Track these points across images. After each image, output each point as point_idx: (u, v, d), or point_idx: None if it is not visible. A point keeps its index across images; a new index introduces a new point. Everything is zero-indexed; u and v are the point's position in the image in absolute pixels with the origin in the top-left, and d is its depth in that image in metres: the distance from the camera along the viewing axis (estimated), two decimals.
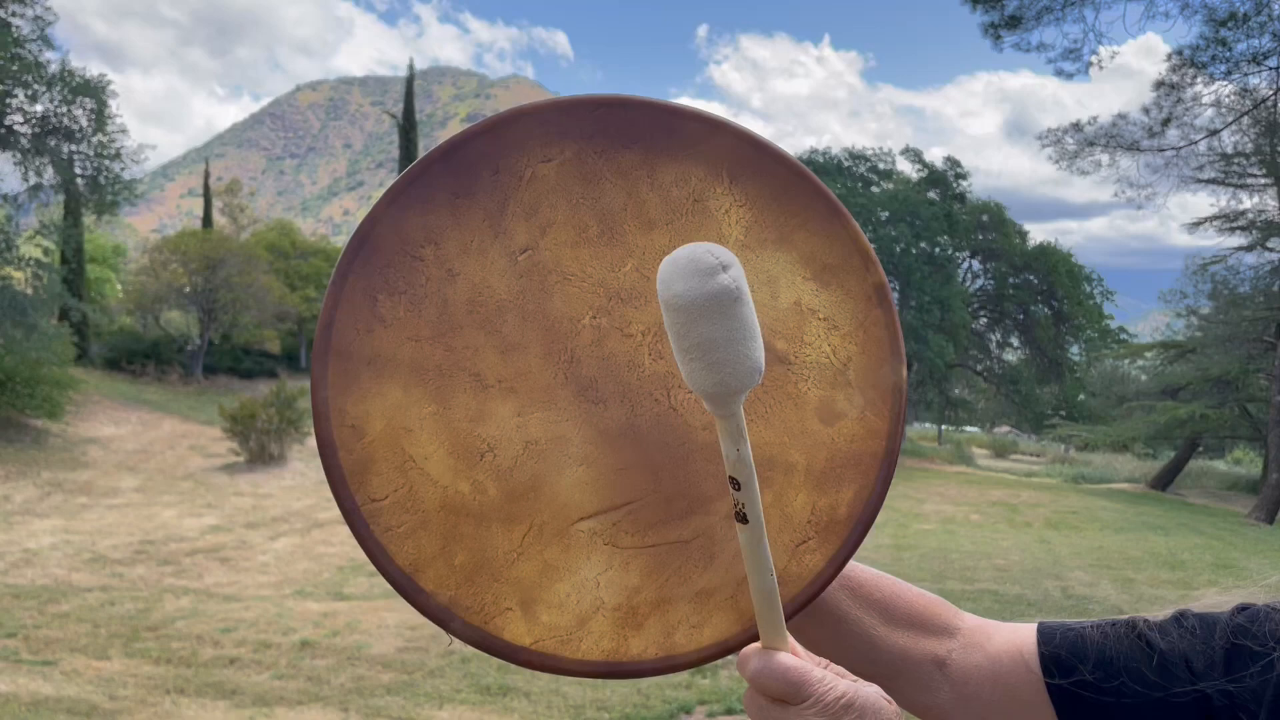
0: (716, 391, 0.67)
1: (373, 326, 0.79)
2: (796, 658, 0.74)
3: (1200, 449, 31.68)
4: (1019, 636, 0.89)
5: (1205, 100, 20.12)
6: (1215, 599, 0.85)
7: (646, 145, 0.84)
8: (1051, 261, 40.61)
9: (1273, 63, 17.50)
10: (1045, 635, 0.87)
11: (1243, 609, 0.81)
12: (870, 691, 0.72)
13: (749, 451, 0.72)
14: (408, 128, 44.45)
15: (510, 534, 0.80)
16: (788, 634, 0.76)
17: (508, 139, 0.82)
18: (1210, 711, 0.76)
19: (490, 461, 0.80)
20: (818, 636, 0.92)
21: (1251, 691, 0.75)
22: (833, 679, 0.72)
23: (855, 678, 0.74)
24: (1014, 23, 17.05)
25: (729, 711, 6.49)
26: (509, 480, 0.80)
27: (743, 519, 0.72)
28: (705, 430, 0.83)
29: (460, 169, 0.82)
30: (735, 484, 0.72)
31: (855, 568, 0.93)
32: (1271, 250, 27.69)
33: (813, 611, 0.89)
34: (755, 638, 0.82)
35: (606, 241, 0.83)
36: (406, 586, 0.78)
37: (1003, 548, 15.06)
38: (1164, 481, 28.80)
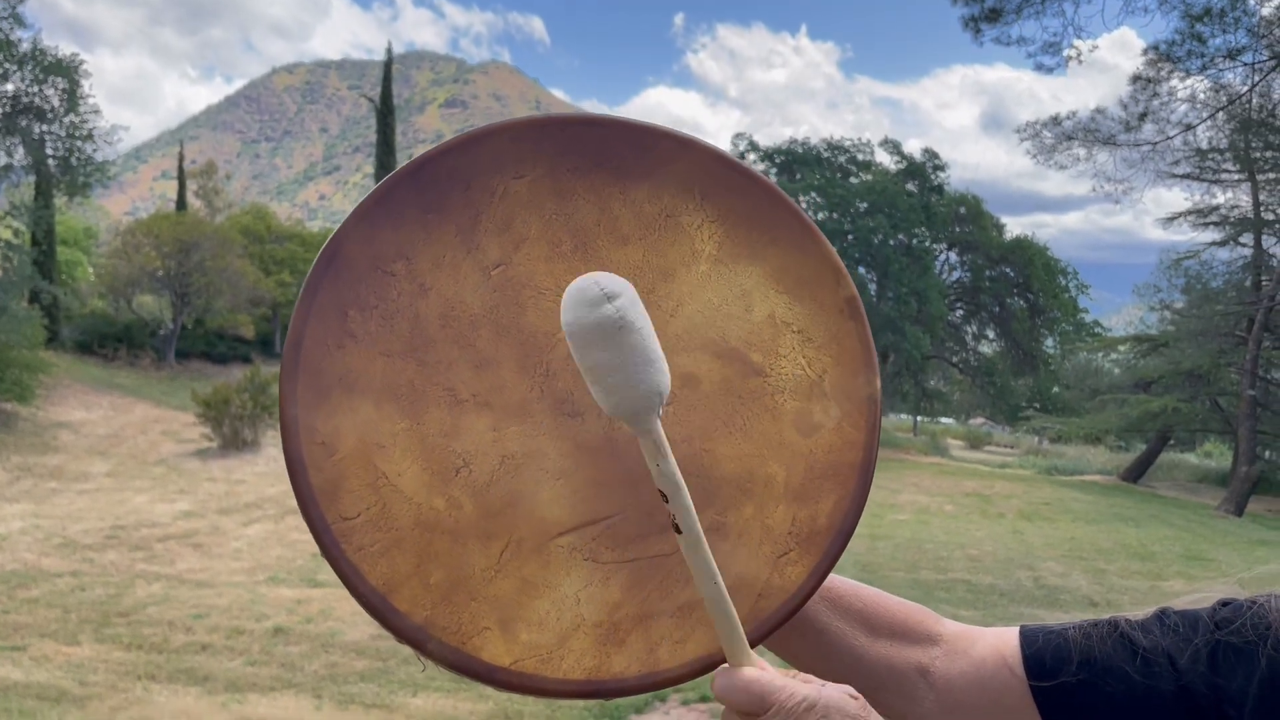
0: (617, 413, 0.71)
1: (343, 342, 0.78)
2: (758, 670, 0.74)
3: (1171, 442, 32.02)
4: (1002, 641, 0.89)
5: (1180, 95, 20.29)
6: (1195, 595, 0.85)
7: (618, 163, 0.84)
8: (1027, 254, 40.88)
9: (1248, 58, 17.66)
10: (1028, 638, 0.87)
11: (1224, 604, 0.81)
12: (833, 692, 0.72)
13: (672, 465, 0.73)
14: (385, 112, 44.09)
15: (487, 551, 0.78)
16: (747, 645, 0.76)
17: (479, 156, 0.82)
18: (1195, 706, 0.76)
19: (466, 477, 0.79)
20: (801, 650, 0.92)
21: (1236, 685, 0.75)
22: (795, 685, 0.72)
23: (823, 682, 0.74)
24: (994, 16, 17.12)
25: (703, 699, 6.51)
26: (485, 496, 0.79)
27: (676, 529, 0.74)
28: (684, 443, 0.83)
29: (431, 185, 0.81)
30: (664, 496, 0.74)
31: (835, 579, 0.92)
32: (1244, 245, 27.99)
33: (795, 625, 0.89)
34: None
35: (580, 256, 0.83)
36: (380, 607, 0.76)
37: (976, 538, 15.18)
38: (1135, 474, 29.11)
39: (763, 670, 0.74)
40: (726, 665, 0.76)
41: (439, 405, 0.79)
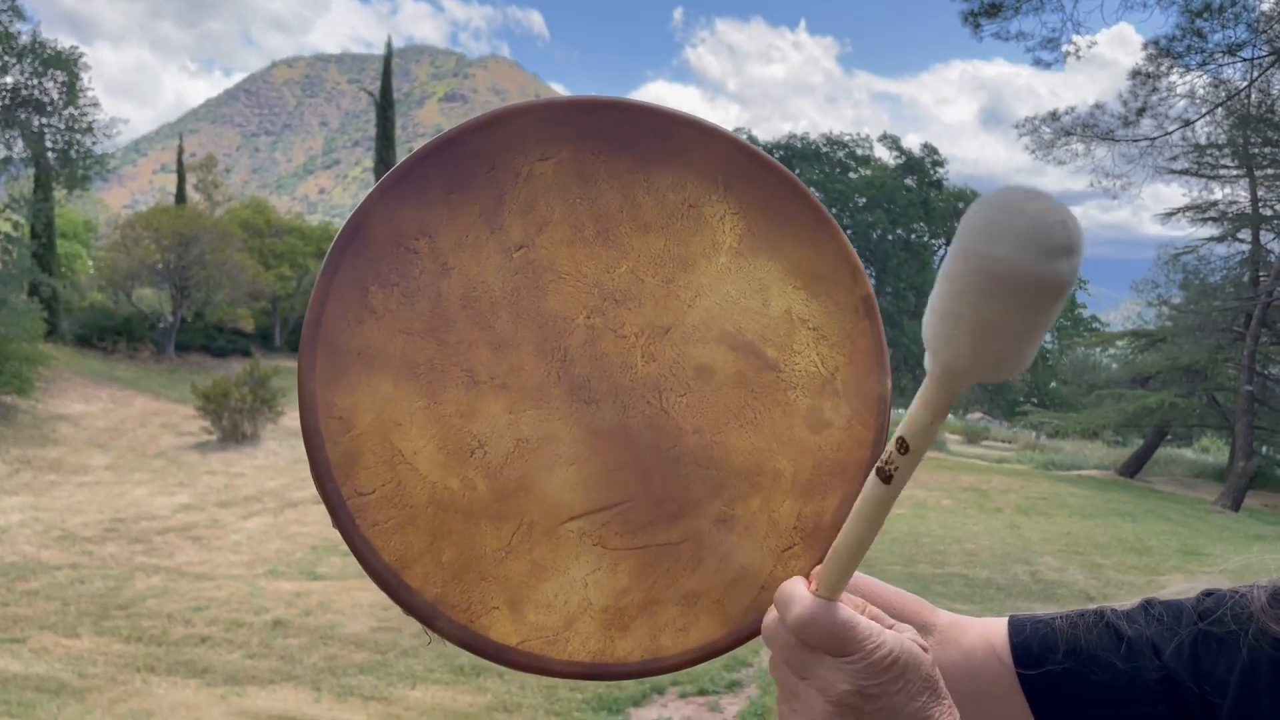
0: (965, 371, 0.61)
1: (363, 318, 0.78)
2: (852, 610, 0.70)
3: (1168, 437, 32.03)
4: (991, 630, 0.90)
5: (1179, 91, 20.28)
6: (1181, 586, 0.86)
7: (643, 149, 0.84)
8: None
9: (1247, 54, 17.64)
10: (1016, 628, 0.88)
11: (1208, 594, 0.82)
12: (912, 648, 0.69)
13: (937, 429, 0.68)
14: (385, 106, 44.01)
15: (499, 532, 0.79)
16: (847, 585, 0.73)
17: (505, 136, 0.82)
18: (1178, 694, 0.77)
19: (480, 458, 0.79)
20: None
21: (1218, 674, 0.76)
22: (879, 632, 0.68)
23: (893, 622, 0.71)
24: (994, 11, 17.09)
25: (702, 692, 6.53)
26: (499, 477, 0.80)
27: (887, 479, 0.68)
28: (695, 434, 0.84)
29: (456, 163, 0.81)
30: (904, 447, 0.67)
31: None
32: (1242, 241, 27.99)
33: None
34: (740, 641, 0.83)
35: (602, 242, 0.83)
36: (392, 582, 0.77)
37: (973, 532, 15.20)
38: (1132, 469, 29.11)
39: (855, 611, 0.70)
40: (810, 592, 0.72)
41: (457, 385, 0.79)
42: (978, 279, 0.55)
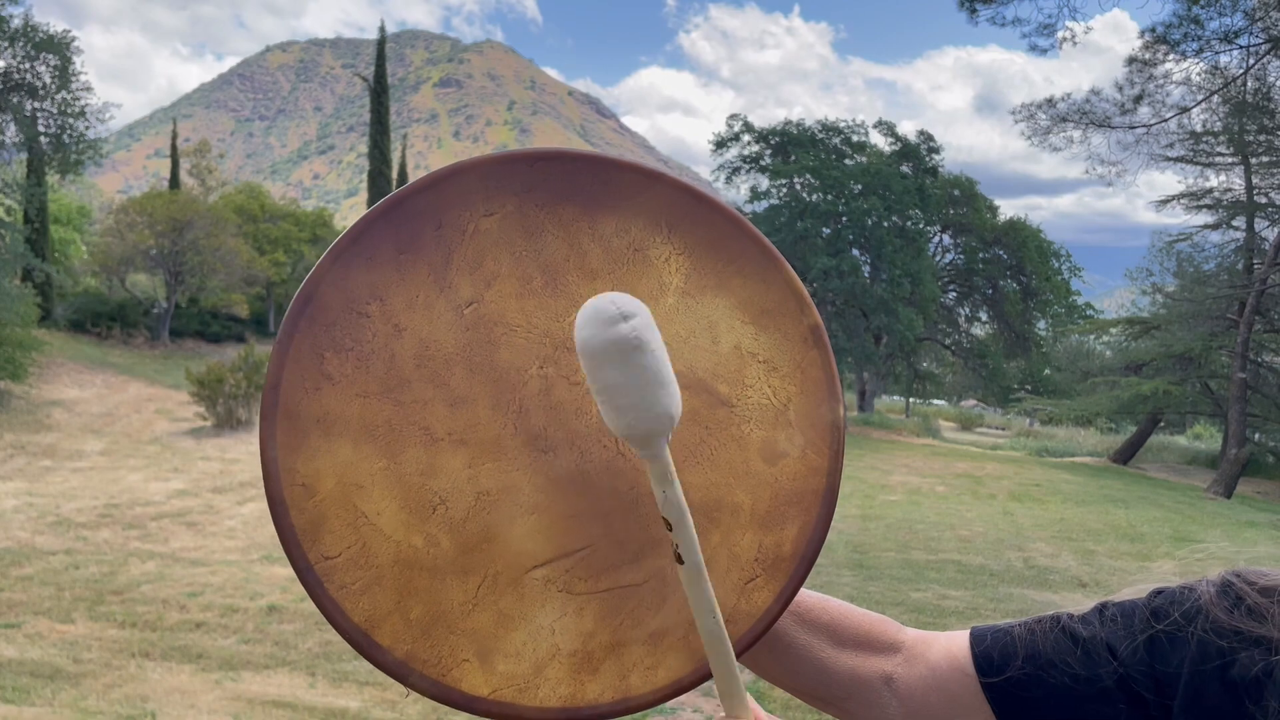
0: (627, 435, 0.73)
1: (320, 384, 0.79)
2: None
3: (1162, 424, 32.09)
4: (954, 643, 0.92)
5: (1176, 78, 20.26)
6: (1130, 589, 0.88)
7: (586, 197, 0.85)
8: (1021, 237, 40.84)
9: (1243, 41, 17.63)
10: (977, 638, 0.90)
11: (1158, 592, 0.84)
12: None
13: (678, 493, 0.75)
14: (379, 91, 43.89)
15: (465, 585, 0.81)
16: (744, 689, 0.78)
17: (449, 194, 0.83)
18: (1134, 692, 0.79)
19: (442, 514, 0.80)
20: (770, 663, 0.95)
21: (1171, 669, 0.78)
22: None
23: None
24: None
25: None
26: (462, 532, 0.81)
27: (679, 559, 0.76)
28: None
29: (402, 225, 0.82)
30: (667, 525, 0.76)
31: (802, 594, 0.95)
32: (1236, 229, 27.99)
33: (763, 641, 0.92)
34: (707, 677, 0.85)
35: (550, 292, 0.84)
36: (362, 642, 0.79)
37: (967, 519, 15.24)
38: (1126, 456, 29.18)
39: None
40: (724, 717, 0.79)
41: (415, 444, 0.80)
42: (584, 360, 0.71)
